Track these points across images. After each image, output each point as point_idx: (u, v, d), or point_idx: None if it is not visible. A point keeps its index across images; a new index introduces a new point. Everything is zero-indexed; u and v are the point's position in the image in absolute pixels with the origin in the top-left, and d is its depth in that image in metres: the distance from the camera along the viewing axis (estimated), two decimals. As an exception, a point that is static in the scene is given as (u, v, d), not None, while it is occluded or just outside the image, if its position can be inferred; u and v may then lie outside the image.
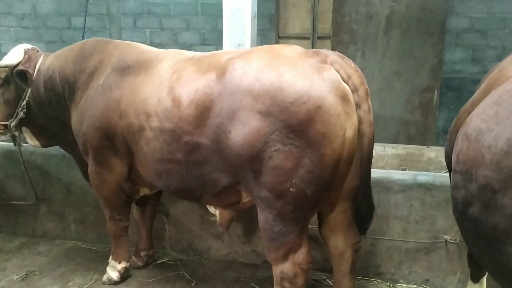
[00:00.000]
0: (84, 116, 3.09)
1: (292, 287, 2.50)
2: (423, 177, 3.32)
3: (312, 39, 7.20)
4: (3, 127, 3.51)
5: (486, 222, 1.78)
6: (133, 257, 3.64)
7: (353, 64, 2.40)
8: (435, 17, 6.50)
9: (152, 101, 2.74)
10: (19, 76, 3.31)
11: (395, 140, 6.51)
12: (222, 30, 4.00)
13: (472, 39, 6.86)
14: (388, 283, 3.40)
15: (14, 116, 3.44)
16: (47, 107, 3.41)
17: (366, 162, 2.47)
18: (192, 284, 3.42)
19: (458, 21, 6.86)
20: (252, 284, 3.41)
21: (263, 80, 2.33)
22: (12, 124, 3.45)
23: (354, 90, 2.34)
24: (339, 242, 2.66)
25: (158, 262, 3.75)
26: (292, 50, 2.48)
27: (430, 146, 4.39)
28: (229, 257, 3.79)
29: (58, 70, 3.29)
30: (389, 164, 4.61)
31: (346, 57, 2.44)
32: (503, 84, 2.01)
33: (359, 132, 2.37)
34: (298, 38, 7.26)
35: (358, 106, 2.35)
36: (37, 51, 3.56)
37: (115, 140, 2.99)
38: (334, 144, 2.24)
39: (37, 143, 3.65)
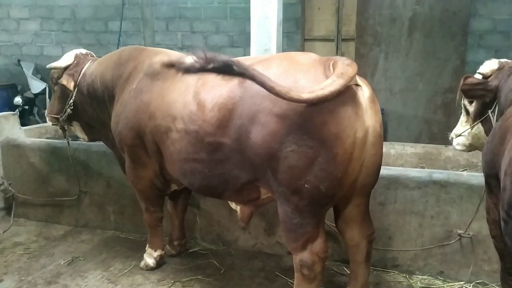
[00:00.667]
0: (119, 117, 3.27)
1: (310, 273, 2.58)
2: (438, 174, 3.38)
3: (337, 41, 7.19)
4: (55, 120, 3.91)
5: None
6: (167, 246, 3.81)
7: (346, 62, 2.37)
8: (458, 19, 6.47)
9: (178, 105, 2.84)
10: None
11: (418, 139, 6.51)
12: (250, 34, 4.14)
13: (495, 40, 6.77)
14: (404, 275, 3.46)
15: (63, 111, 3.79)
16: (89, 107, 3.69)
17: None
18: (221, 272, 3.57)
19: (481, 23, 6.78)
20: (277, 272, 3.52)
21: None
22: (61, 118, 3.83)
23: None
24: (355, 234, 2.75)
25: (190, 251, 3.91)
26: (307, 57, 2.57)
27: (448, 146, 4.46)
28: (255, 247, 3.91)
29: (99, 76, 3.53)
30: (408, 163, 4.65)
31: (352, 62, 2.41)
32: None
33: None
34: (323, 40, 7.24)
35: None
36: (91, 56, 3.88)
37: (145, 140, 3.13)
38: (346, 144, 2.31)
39: (85, 136, 3.98)
